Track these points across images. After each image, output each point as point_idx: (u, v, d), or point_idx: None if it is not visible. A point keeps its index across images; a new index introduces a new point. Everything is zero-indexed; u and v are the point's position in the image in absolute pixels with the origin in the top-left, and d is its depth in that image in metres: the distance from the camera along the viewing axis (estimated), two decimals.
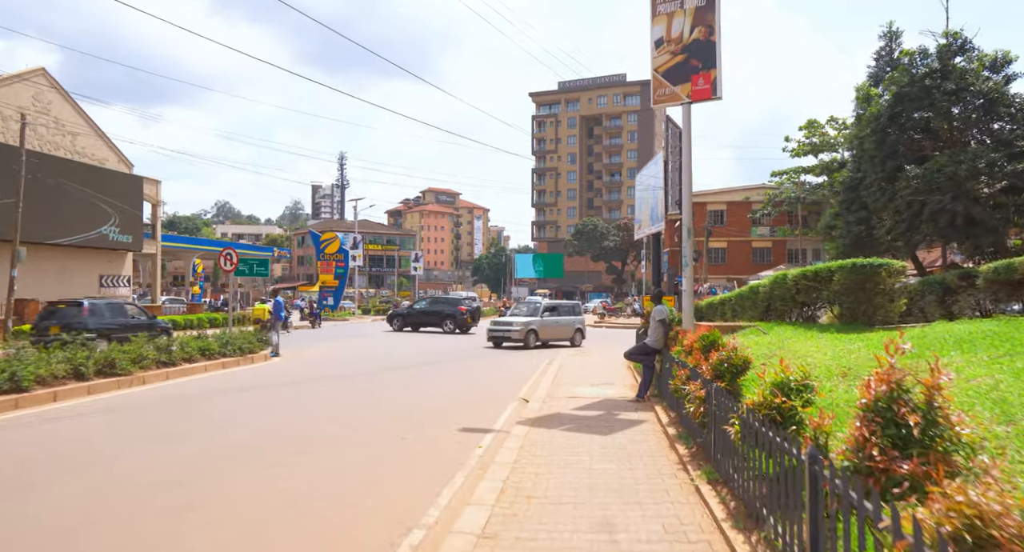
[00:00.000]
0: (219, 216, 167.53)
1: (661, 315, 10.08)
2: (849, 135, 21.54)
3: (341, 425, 8.88)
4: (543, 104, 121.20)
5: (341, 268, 54.94)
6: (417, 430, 8.62)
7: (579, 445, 7.34)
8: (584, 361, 17.63)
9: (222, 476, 6.24)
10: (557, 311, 23.78)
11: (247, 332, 16.79)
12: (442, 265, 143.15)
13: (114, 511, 5.21)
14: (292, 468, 6.57)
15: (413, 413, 10.04)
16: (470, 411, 10.35)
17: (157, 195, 40.17)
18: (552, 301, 24.28)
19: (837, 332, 9.67)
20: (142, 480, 6.11)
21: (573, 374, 14.58)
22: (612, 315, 50.29)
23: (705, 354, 7.33)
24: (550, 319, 22.98)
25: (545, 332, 22.56)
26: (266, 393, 11.58)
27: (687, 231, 12.27)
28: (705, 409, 6.06)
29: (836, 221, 20.64)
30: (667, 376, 9.43)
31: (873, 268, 9.59)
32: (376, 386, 12.93)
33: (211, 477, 6.20)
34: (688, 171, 12.31)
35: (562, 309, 24.23)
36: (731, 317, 17.07)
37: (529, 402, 10.97)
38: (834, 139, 46.91)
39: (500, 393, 12.21)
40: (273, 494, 5.71)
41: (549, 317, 22.92)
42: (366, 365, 16.39)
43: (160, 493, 5.67)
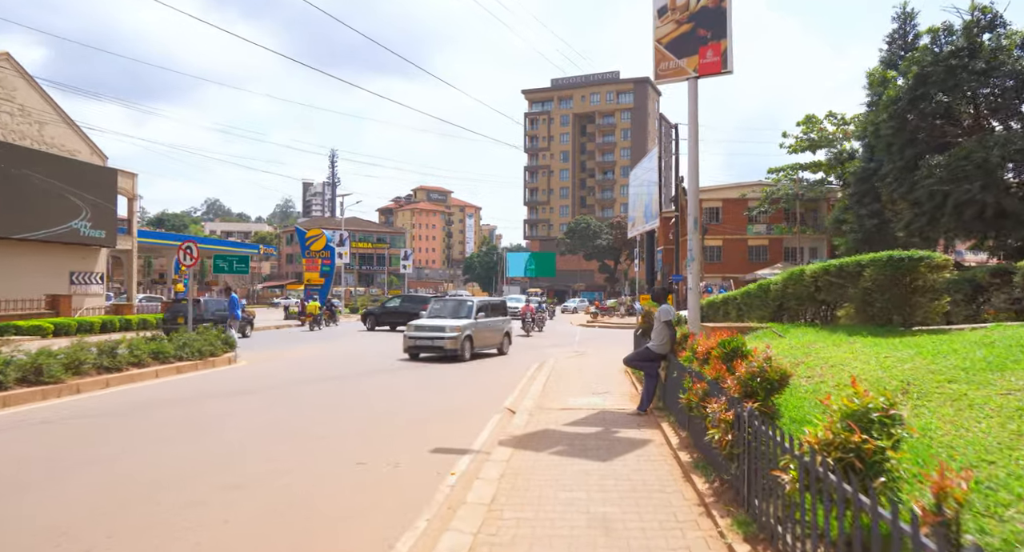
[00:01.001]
0: (209, 214, 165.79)
1: (667, 316, 8.75)
2: (860, 123, 20.20)
3: (289, 446, 7.50)
4: (536, 101, 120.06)
5: (327, 266, 53.37)
6: (380, 451, 7.26)
7: (573, 476, 6.00)
8: (579, 365, 16.30)
9: (116, 521, 4.86)
10: (489, 311, 19.32)
11: (209, 333, 15.36)
12: (434, 264, 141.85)
13: None
14: (211, 509, 5.20)
15: (380, 427, 8.67)
16: (447, 424, 9.00)
17: (133, 189, 38.56)
18: (483, 298, 19.70)
19: (869, 335, 8.37)
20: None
21: (566, 380, 13.24)
22: (605, 315, 49.02)
23: (727, 363, 6.00)
24: (485, 322, 18.70)
25: (480, 338, 18.24)
26: (213, 404, 10.17)
27: (693, 222, 10.96)
28: (734, 437, 4.74)
29: (846, 215, 19.31)
30: (674, 386, 8.11)
31: (912, 262, 8.30)
32: (343, 393, 11.56)
33: (94, 525, 4.81)
34: (695, 156, 10.99)
35: (492, 309, 19.70)
36: (736, 317, 15.76)
37: (516, 414, 9.64)
38: (832, 135, 45.86)
39: (483, 401, 10.87)
40: None
41: (484, 319, 18.68)
42: (336, 368, 14.99)
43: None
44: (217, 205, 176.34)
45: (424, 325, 17.60)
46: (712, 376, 5.89)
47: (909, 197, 17.35)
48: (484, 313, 18.75)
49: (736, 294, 15.67)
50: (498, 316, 19.73)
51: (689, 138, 11.04)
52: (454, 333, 16.97)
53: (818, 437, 3.28)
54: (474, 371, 15.37)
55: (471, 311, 18.35)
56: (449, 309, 18.85)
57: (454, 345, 16.91)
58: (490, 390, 12.21)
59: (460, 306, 18.76)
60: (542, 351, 21.05)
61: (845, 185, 20.36)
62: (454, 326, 17.16)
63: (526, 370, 15.22)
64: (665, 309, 8.82)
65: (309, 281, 53.63)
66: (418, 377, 13.87)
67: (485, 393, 11.77)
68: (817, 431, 3.35)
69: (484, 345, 18.48)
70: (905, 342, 7.23)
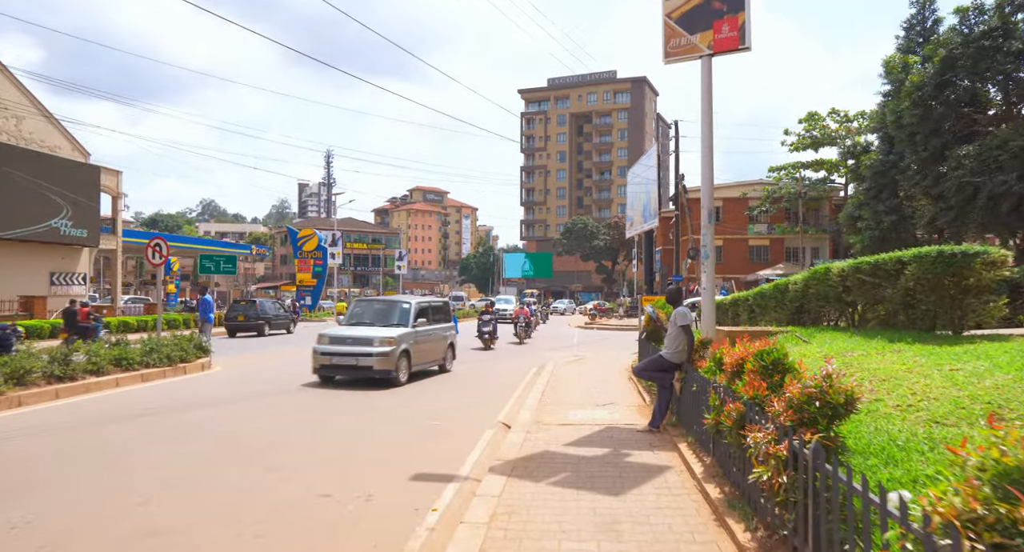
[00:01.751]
0: (204, 215, 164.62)
1: (685, 320, 7.66)
2: (876, 114, 19.10)
3: (240, 473, 6.39)
4: (532, 101, 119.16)
5: (319, 266, 52.33)
6: (353, 477, 6.17)
7: (578, 516, 4.91)
8: (579, 370, 15.21)
9: None
10: (431, 316, 14.55)
11: (182, 337, 14.24)
12: (430, 265, 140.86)
13: None
14: None
15: (355, 447, 7.58)
16: (434, 442, 7.91)
17: (117, 186, 37.33)
18: (424, 298, 15.40)
19: (915, 342, 7.31)
20: None
21: (565, 388, 12.15)
22: (604, 316, 47.93)
23: (767, 379, 4.92)
24: (427, 331, 14.06)
25: (420, 353, 13.62)
26: (166, 420, 9.05)
27: (708, 214, 9.89)
28: (791, 479, 3.66)
29: (861, 211, 18.17)
30: (693, 401, 7.03)
31: (966, 258, 7.23)
32: (319, 405, 10.44)
33: None
34: (708, 141, 9.92)
35: (435, 312, 14.92)
36: (748, 320, 14.71)
37: (511, 429, 8.56)
38: (835, 132, 44.90)
39: (474, 415, 9.78)
40: None
41: (426, 327, 14.03)
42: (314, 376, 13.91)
43: None
44: (212, 206, 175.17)
45: (342, 335, 12.73)
46: (750, 395, 4.80)
47: (933, 191, 16.24)
48: (425, 318, 14.08)
49: (748, 295, 14.61)
50: (441, 322, 15.16)
51: (702, 121, 9.98)
52: (385, 347, 12.34)
53: (955, 507, 2.20)
54: (461, 383, 14.27)
55: (408, 315, 13.56)
56: (375, 313, 14.01)
57: (386, 364, 12.24)
58: (482, 400, 11.12)
59: (391, 309, 13.95)
60: (540, 354, 19.97)
61: (860, 180, 19.27)
62: (385, 337, 12.45)
63: (522, 378, 14.12)
64: (681, 312, 7.74)
65: (301, 282, 52.56)
66: (404, 386, 12.76)
67: (477, 404, 10.67)
68: (950, 496, 2.26)
69: (424, 361, 13.91)
70: (968, 351, 6.17)
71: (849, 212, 18.56)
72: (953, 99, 16.34)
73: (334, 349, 12.51)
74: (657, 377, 7.94)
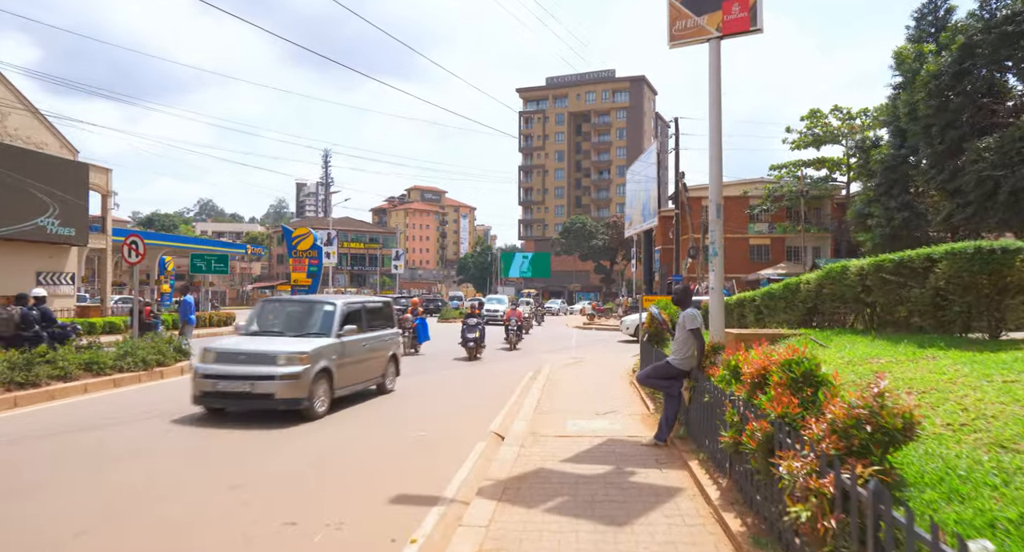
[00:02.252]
0: (202, 214, 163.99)
1: (694, 323, 6.97)
2: (886, 107, 18.36)
3: (196, 496, 5.69)
4: (531, 100, 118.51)
5: (314, 266, 51.44)
6: (324, 500, 5.47)
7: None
8: (577, 374, 14.52)
9: None
10: (365, 321, 11.07)
11: (160, 339, 13.53)
12: (427, 264, 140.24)
13: None
14: None
15: (332, 461, 6.88)
16: (418, 456, 7.22)
17: (107, 184, 36.59)
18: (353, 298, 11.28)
19: (950, 347, 6.61)
20: None
21: (563, 394, 11.46)
22: (602, 316, 47.25)
23: (796, 393, 4.22)
24: (358, 342, 10.59)
25: (348, 373, 10.20)
26: (126, 431, 8.35)
27: (716, 209, 9.21)
28: (841, 524, 2.97)
29: (872, 208, 17.43)
30: (704, 412, 6.34)
31: (1005, 254, 6.55)
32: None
33: None
34: (717, 130, 9.23)
35: (370, 316, 11.41)
36: (755, 321, 14.01)
37: (504, 440, 7.87)
38: (838, 130, 44.24)
39: (465, 424, 9.09)
40: None
41: (357, 336, 10.52)
42: None
43: None
44: (210, 206, 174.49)
45: (234, 351, 9.27)
46: (777, 413, 4.10)
47: (949, 186, 15.48)
48: (356, 324, 10.53)
49: (755, 295, 13.91)
50: (380, 329, 11.60)
51: (710, 111, 9.28)
52: (293, 367, 8.88)
53: None
54: (450, 387, 13.57)
55: (331, 322, 10.08)
56: (287, 319, 10.52)
57: (294, 392, 8.82)
58: (475, 406, 10.42)
59: (310, 312, 10.47)
60: (537, 356, 19.28)
61: (869, 176, 18.51)
62: (294, 353, 9.01)
63: (518, 381, 13.42)
64: (690, 314, 7.04)
65: (296, 282, 51.71)
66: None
67: (466, 415, 9.95)
68: None
69: (355, 380, 10.49)
70: (1017, 359, 5.47)
71: (858, 209, 17.81)
72: (971, 89, 15.56)
73: (222, 371, 8.92)
74: (663, 386, 7.25)
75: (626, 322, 28.07)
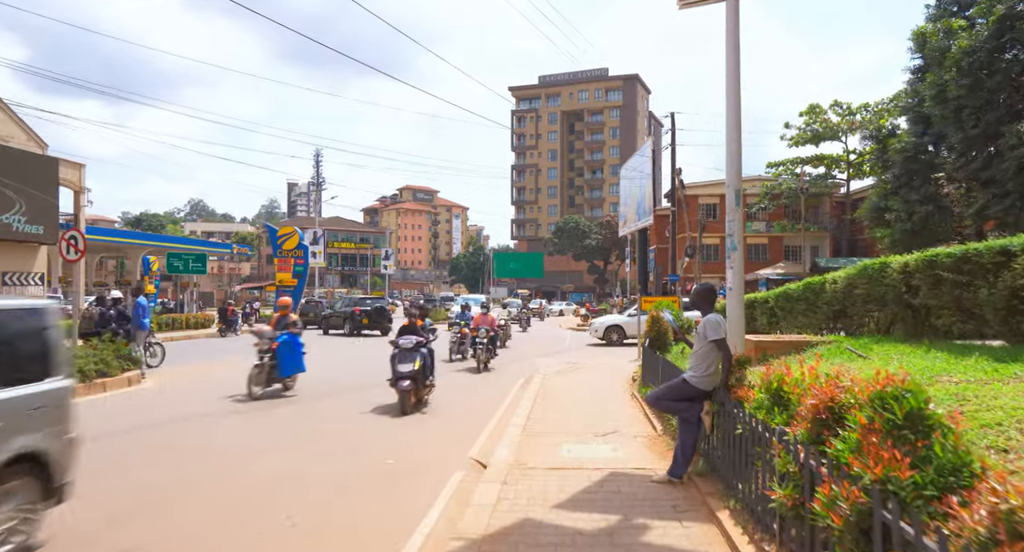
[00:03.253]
0: (192, 215, 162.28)
1: (718, 332, 5.60)
2: (902, 94, 16.99)
3: None
4: (523, 98, 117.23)
5: (300, 266, 49.77)
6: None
7: None
8: (572, 382, 13.14)
9: None
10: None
11: (105, 346, 12.08)
12: (420, 265, 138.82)
13: None
14: None
15: (265, 509, 5.49)
16: (377, 493, 5.84)
17: (80, 180, 34.98)
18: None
19: None
20: None
21: (556, 407, 10.09)
22: (596, 317, 45.83)
23: (898, 443, 2.86)
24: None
25: None
26: None
27: (735, 196, 7.84)
28: None
29: (890, 201, 16.08)
30: (734, 445, 4.99)
31: None
32: (249, 431, 8.35)
33: None
34: (735, 103, 7.89)
35: None
36: (767, 326, 12.69)
37: (487, 470, 6.52)
38: (838, 126, 43.02)
39: (442, 443, 7.75)
40: None
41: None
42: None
43: None
44: (201, 206, 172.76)
45: None
46: (876, 476, 2.74)
47: (983, 175, 14.12)
48: None
49: (768, 296, 12.58)
50: None
51: (727, 79, 7.94)
52: None
53: None
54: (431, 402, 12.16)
55: None
56: None
57: None
58: (455, 424, 9.04)
59: None
60: (530, 361, 17.93)
61: (885, 167, 17.17)
62: None
63: (506, 392, 12.04)
64: (714, 321, 5.67)
65: (281, 282, 50.11)
66: (361, 402, 10.64)
67: (442, 436, 8.58)
68: None
69: None
70: None
71: (874, 203, 16.42)
72: (1006, 67, 14.17)
73: None
74: (679, 409, 5.88)
75: (595, 325, 26.55)
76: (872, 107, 39.92)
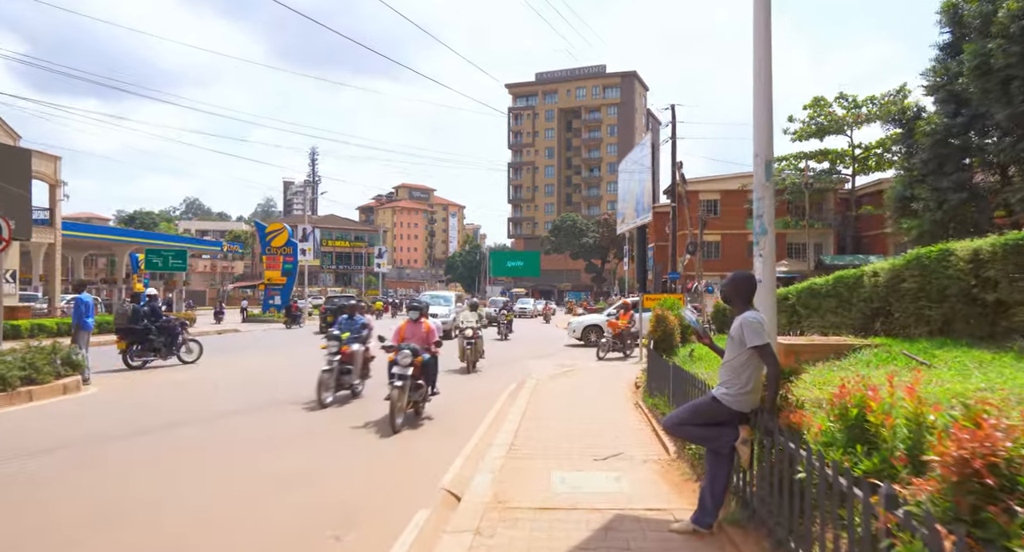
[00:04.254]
0: (188, 213, 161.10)
1: (759, 336, 4.14)
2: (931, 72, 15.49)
3: None
4: (520, 96, 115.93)
5: (289, 263, 48.51)
6: None
7: None
8: (567, 389, 11.72)
9: None
10: None
11: (40, 349, 10.64)
12: (416, 263, 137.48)
13: None
14: None
15: None
16: (331, 540, 4.43)
17: (55, 174, 33.49)
18: None
19: None
20: None
21: (549, 420, 8.68)
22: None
23: None
24: None
25: None
26: None
27: (765, 167, 6.45)
28: None
29: (917, 189, 14.64)
30: (792, 492, 3.59)
31: None
32: (179, 458, 6.94)
33: None
34: (765, 47, 6.49)
35: None
36: (787, 325, 11.29)
37: (458, 511, 5.12)
38: (843, 119, 41.68)
39: (409, 467, 6.35)
40: None
41: None
42: (220, 403, 10.43)
43: None
44: (197, 204, 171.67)
45: None
46: None
47: None
48: None
49: (790, 292, 11.17)
50: None
51: (756, 29, 6.54)
52: None
53: None
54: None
55: None
56: None
57: None
58: (420, 452, 7.62)
59: None
60: (523, 364, 16.53)
61: (910, 153, 15.75)
62: None
63: (490, 403, 10.62)
64: (754, 322, 4.23)
65: (270, 280, 48.73)
66: (305, 421, 9.22)
67: (411, 460, 7.17)
68: None
69: None
70: None
71: (899, 192, 14.99)
72: None
73: None
74: (708, 437, 4.45)
75: (573, 325, 24.62)
76: (878, 100, 38.63)
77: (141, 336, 14.38)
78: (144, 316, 14.49)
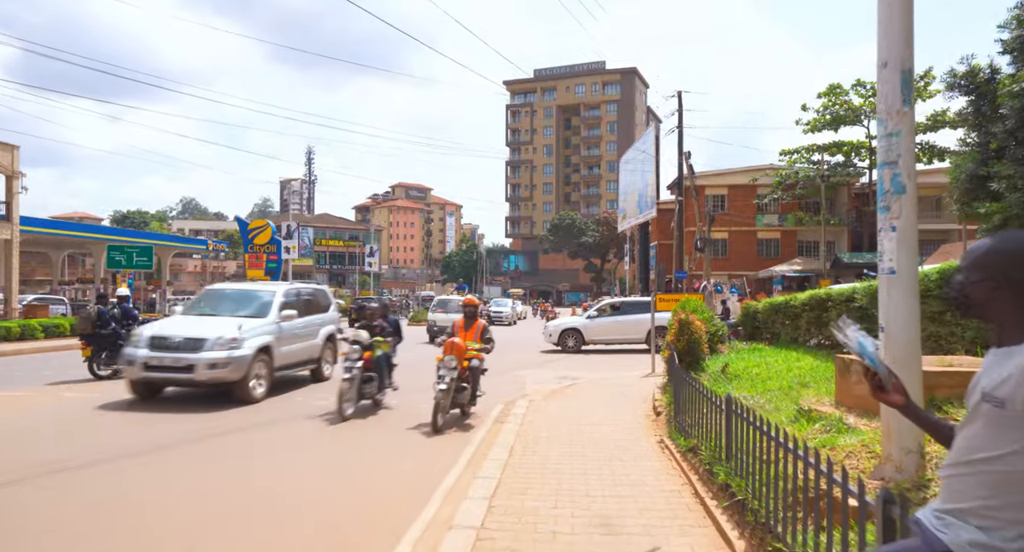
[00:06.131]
0: (184, 213, 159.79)
1: None
2: (1010, 22, 12.97)
3: None
4: (518, 93, 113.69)
5: (273, 262, 45.76)
6: None
7: None
8: (567, 413, 9.13)
9: None
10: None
11: None
12: (412, 263, 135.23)
13: None
14: None
15: None
16: None
17: (12, 164, 30.89)
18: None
19: None
20: None
21: (541, 468, 6.14)
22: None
23: None
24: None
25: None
26: None
27: (901, 82, 3.90)
28: None
29: (997, 165, 12.15)
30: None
31: None
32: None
33: None
34: None
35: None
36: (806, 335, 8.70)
37: None
38: (860, 108, 39.22)
39: None
40: None
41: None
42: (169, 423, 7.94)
43: None
44: (193, 204, 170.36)
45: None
46: None
47: None
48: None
49: (852, 292, 8.59)
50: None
51: None
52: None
53: None
54: (319, 458, 8.25)
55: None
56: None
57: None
58: (344, 530, 5.06)
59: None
60: (512, 375, 14.01)
61: (978, 125, 13.32)
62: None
63: (474, 432, 8.06)
64: None
65: (253, 279, 46.27)
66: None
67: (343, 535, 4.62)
68: None
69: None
70: None
71: (970, 170, 12.55)
72: None
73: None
74: None
75: (549, 328, 21.86)
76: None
77: (109, 342, 12.80)
78: (113, 319, 13.06)
